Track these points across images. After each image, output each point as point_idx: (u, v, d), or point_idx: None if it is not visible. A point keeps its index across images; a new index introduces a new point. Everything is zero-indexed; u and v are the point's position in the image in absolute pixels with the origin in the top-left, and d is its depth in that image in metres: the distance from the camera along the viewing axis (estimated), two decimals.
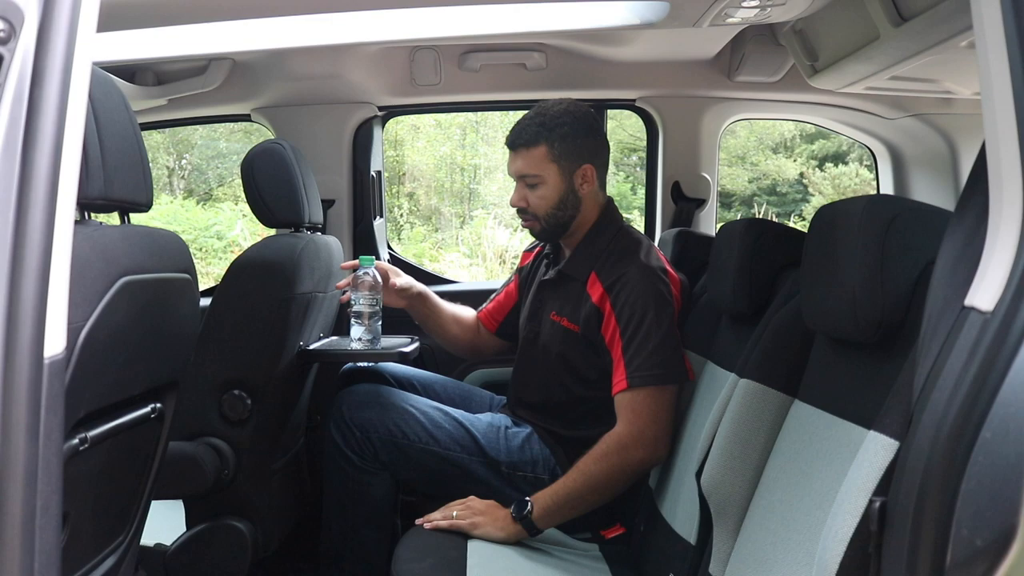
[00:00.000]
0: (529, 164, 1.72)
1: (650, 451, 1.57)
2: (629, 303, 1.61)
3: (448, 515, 1.58)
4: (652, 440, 1.56)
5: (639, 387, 1.57)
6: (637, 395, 1.57)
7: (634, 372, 1.58)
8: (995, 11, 0.64)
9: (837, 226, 1.00)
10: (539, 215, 1.74)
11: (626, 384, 1.58)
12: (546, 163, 1.71)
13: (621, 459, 1.56)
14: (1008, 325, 0.60)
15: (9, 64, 0.65)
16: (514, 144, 1.74)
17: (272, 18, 1.78)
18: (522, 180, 1.74)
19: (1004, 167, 0.64)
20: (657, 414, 1.57)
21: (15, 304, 0.64)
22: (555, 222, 1.75)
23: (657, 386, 1.57)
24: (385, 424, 1.69)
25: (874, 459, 0.79)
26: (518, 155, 1.74)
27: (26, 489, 0.65)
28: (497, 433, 1.74)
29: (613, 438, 1.58)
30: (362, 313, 1.83)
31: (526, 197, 1.74)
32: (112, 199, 1.03)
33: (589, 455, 1.58)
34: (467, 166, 9.88)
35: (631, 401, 1.58)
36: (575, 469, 1.58)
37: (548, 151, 1.70)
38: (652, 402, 1.57)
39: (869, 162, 3.33)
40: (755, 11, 1.66)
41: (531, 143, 1.71)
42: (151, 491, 1.25)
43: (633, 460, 1.57)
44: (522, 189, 1.75)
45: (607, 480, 1.57)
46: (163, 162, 9.25)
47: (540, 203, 1.73)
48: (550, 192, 1.72)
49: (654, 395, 1.57)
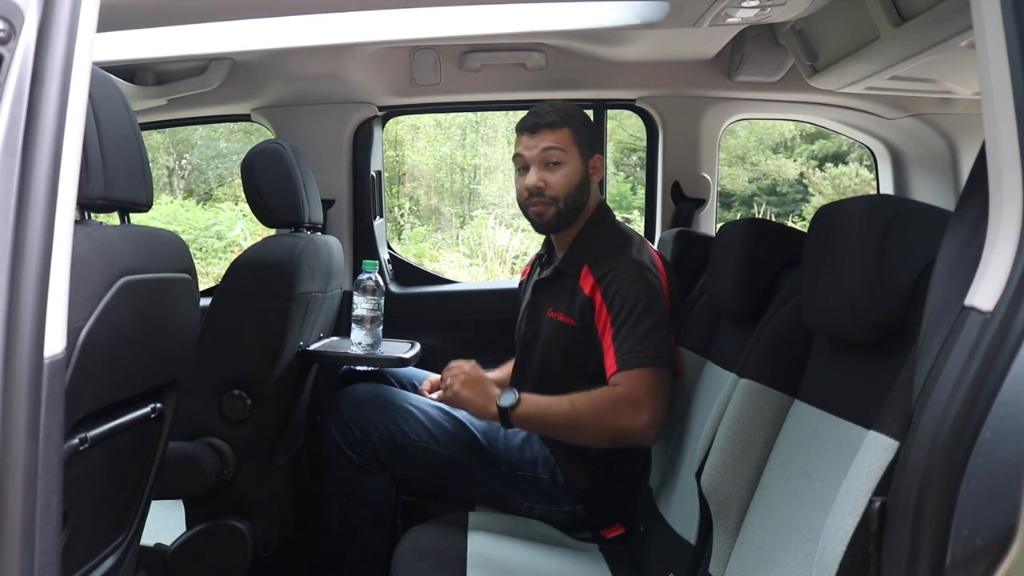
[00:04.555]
0: (557, 140, 1.72)
1: (640, 422, 1.52)
2: (620, 293, 1.61)
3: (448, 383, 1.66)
4: (647, 416, 1.52)
5: (631, 368, 1.56)
6: (630, 375, 1.56)
7: (624, 355, 1.57)
8: (995, 11, 0.64)
9: (837, 226, 1.00)
10: (559, 196, 1.73)
11: (617, 367, 1.57)
12: (571, 144, 1.73)
13: (608, 414, 1.54)
14: (1008, 325, 0.60)
15: (9, 64, 0.65)
16: (537, 125, 1.74)
17: (272, 18, 1.78)
18: (542, 159, 1.73)
19: (1004, 167, 0.64)
20: (651, 391, 1.54)
21: (15, 304, 0.64)
22: (572, 206, 1.75)
23: (649, 367, 1.55)
24: (385, 423, 1.69)
25: (874, 459, 0.79)
26: (541, 135, 1.73)
27: (26, 489, 0.65)
28: (497, 433, 1.74)
29: (609, 392, 1.56)
30: (363, 317, 1.84)
31: (545, 178, 1.73)
32: (112, 199, 1.03)
33: (584, 393, 1.57)
34: (467, 166, 9.88)
35: (625, 378, 1.56)
36: (566, 398, 1.58)
37: (572, 134, 1.73)
38: (645, 381, 1.55)
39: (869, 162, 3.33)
40: (755, 11, 1.66)
41: (557, 124, 1.73)
42: (151, 491, 1.25)
43: (618, 423, 1.53)
44: (541, 170, 1.73)
45: (587, 424, 1.55)
46: (163, 162, 9.25)
47: (562, 182, 1.73)
48: (572, 173, 1.73)
49: (647, 375, 1.55)
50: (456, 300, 2.54)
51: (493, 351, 2.17)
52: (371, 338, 1.85)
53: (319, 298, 1.88)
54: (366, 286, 1.84)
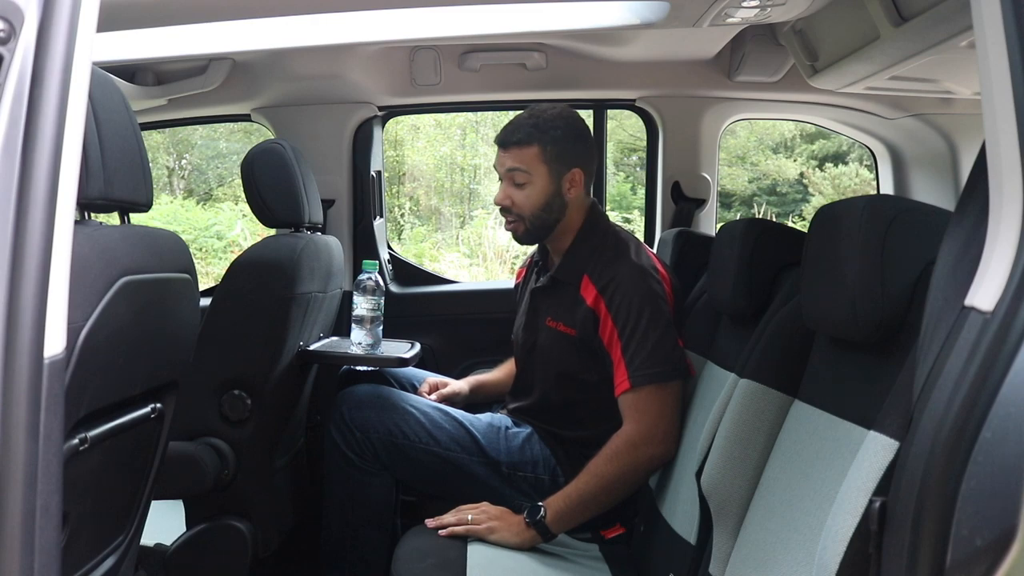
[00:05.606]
0: (520, 161, 1.71)
1: (661, 448, 1.56)
2: (625, 303, 1.61)
3: (463, 519, 1.56)
4: (662, 437, 1.56)
5: (642, 386, 1.57)
6: (640, 394, 1.57)
7: (636, 372, 1.57)
8: (995, 11, 0.64)
9: (837, 226, 1.00)
10: (524, 215, 1.73)
11: (629, 384, 1.58)
12: (537, 163, 1.70)
13: (632, 458, 1.55)
14: (1008, 325, 0.60)
15: (9, 64, 0.65)
16: (506, 142, 1.73)
17: (272, 18, 1.78)
18: (510, 178, 1.73)
19: (1004, 167, 0.64)
20: (663, 411, 1.57)
21: (15, 304, 0.64)
22: (539, 224, 1.73)
23: (660, 384, 1.57)
24: (385, 424, 1.69)
25: (874, 459, 0.79)
26: (509, 153, 1.73)
27: (26, 489, 0.65)
28: (497, 433, 1.74)
29: (622, 438, 1.57)
30: (363, 317, 1.85)
31: (511, 196, 1.73)
32: (112, 199, 1.03)
33: (600, 456, 1.57)
34: (467, 166, 9.87)
35: (636, 400, 1.57)
36: (587, 472, 1.57)
37: (540, 152, 1.70)
38: (657, 400, 1.57)
39: (869, 162, 3.33)
40: (755, 11, 1.66)
41: (524, 142, 1.70)
42: (151, 491, 1.25)
43: (643, 457, 1.56)
44: (508, 188, 1.73)
45: (619, 480, 1.56)
46: (163, 162, 9.25)
47: (526, 202, 1.72)
48: (536, 193, 1.71)
49: (658, 392, 1.57)
50: (456, 300, 2.53)
51: (493, 351, 2.17)
52: (371, 338, 1.85)
53: (319, 298, 1.88)
54: (366, 286, 1.84)
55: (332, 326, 2.15)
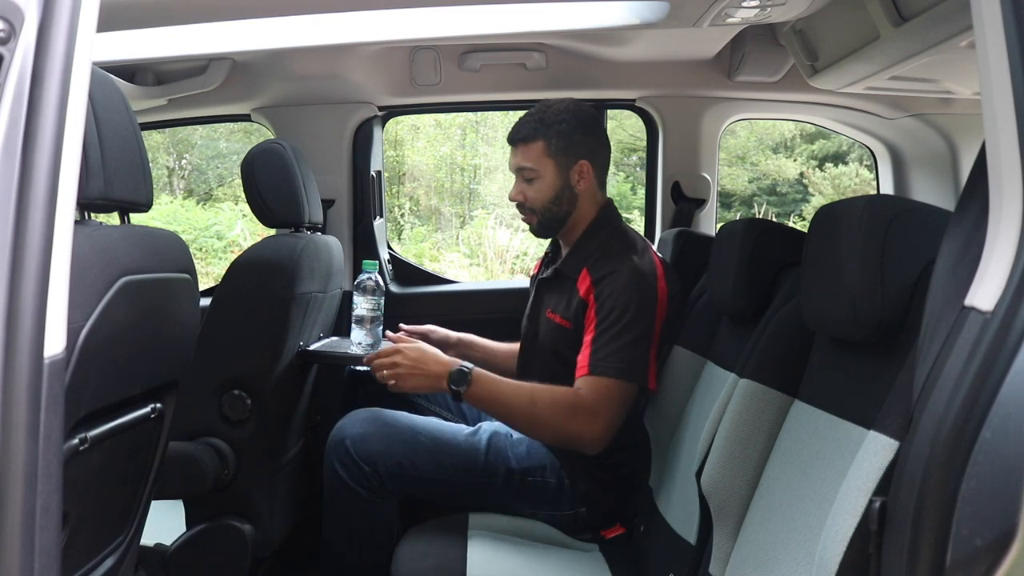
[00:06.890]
0: (527, 158, 1.76)
1: (591, 433, 1.56)
2: (612, 298, 1.62)
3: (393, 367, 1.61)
4: (601, 428, 1.56)
5: (599, 375, 1.58)
6: (598, 382, 1.58)
7: (598, 361, 1.58)
8: (995, 11, 0.64)
9: (837, 226, 1.00)
10: (536, 209, 1.78)
11: (588, 371, 1.59)
12: (543, 158, 1.75)
13: (565, 417, 1.56)
14: (1008, 325, 0.60)
15: (9, 64, 0.65)
16: (513, 140, 1.80)
17: (272, 18, 1.78)
18: (520, 175, 1.79)
19: (1004, 167, 0.64)
20: (611, 405, 1.57)
21: (15, 304, 0.64)
22: (551, 216, 1.78)
23: (617, 379, 1.57)
24: (393, 456, 1.64)
25: (874, 459, 0.79)
26: (517, 150, 1.79)
27: (26, 489, 0.65)
28: (504, 441, 1.73)
29: (572, 396, 1.58)
30: (363, 317, 1.85)
31: (524, 192, 1.78)
32: (112, 199, 1.03)
33: (547, 389, 1.59)
34: (467, 166, 9.88)
35: (591, 384, 1.58)
36: (527, 388, 1.59)
37: (545, 147, 1.74)
38: (610, 392, 1.57)
39: (869, 162, 3.33)
40: (755, 11, 1.66)
41: (529, 138, 1.75)
42: (151, 491, 1.25)
43: (571, 428, 1.57)
44: (520, 184, 1.79)
45: (540, 421, 1.58)
46: (163, 162, 9.26)
47: (537, 197, 1.77)
48: (546, 187, 1.76)
49: (615, 387, 1.57)
50: (456, 300, 2.54)
51: None
52: (371, 338, 1.85)
53: (319, 298, 1.88)
54: (366, 286, 1.84)
55: (332, 326, 2.15)
